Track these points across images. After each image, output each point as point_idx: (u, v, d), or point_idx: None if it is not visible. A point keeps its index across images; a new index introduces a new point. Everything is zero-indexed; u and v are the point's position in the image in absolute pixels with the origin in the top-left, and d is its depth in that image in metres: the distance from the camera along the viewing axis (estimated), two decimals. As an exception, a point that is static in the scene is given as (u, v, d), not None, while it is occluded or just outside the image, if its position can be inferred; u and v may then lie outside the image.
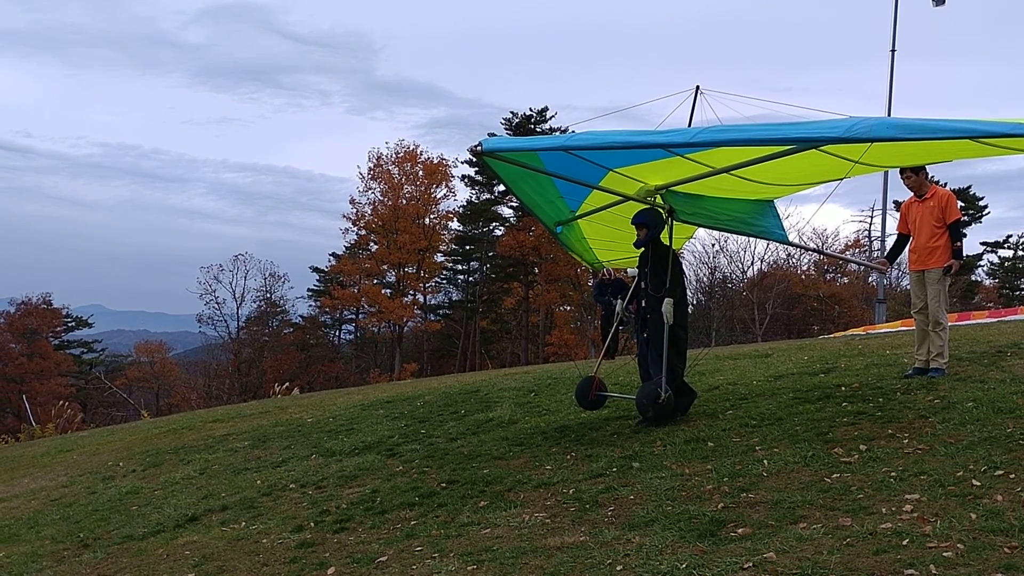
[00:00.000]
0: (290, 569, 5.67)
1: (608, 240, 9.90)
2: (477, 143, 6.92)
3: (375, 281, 57.93)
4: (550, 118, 57.78)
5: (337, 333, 65.76)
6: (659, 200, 8.34)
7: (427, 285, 60.23)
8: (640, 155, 7.48)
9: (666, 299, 8.04)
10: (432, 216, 57.28)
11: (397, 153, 56.12)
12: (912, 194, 8.67)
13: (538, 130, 56.25)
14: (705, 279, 49.69)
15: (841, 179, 7.46)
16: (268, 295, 59.27)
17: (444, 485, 7.14)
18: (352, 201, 56.60)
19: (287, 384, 30.13)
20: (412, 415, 11.43)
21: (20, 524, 8.93)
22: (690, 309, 16.07)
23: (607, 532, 5.19)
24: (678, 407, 8.20)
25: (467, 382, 15.03)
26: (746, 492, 5.53)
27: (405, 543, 5.75)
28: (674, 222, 8.39)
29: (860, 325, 31.09)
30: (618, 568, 4.57)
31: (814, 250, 47.94)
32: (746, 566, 4.30)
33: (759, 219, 8.60)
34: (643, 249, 8.52)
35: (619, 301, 9.47)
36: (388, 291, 57.08)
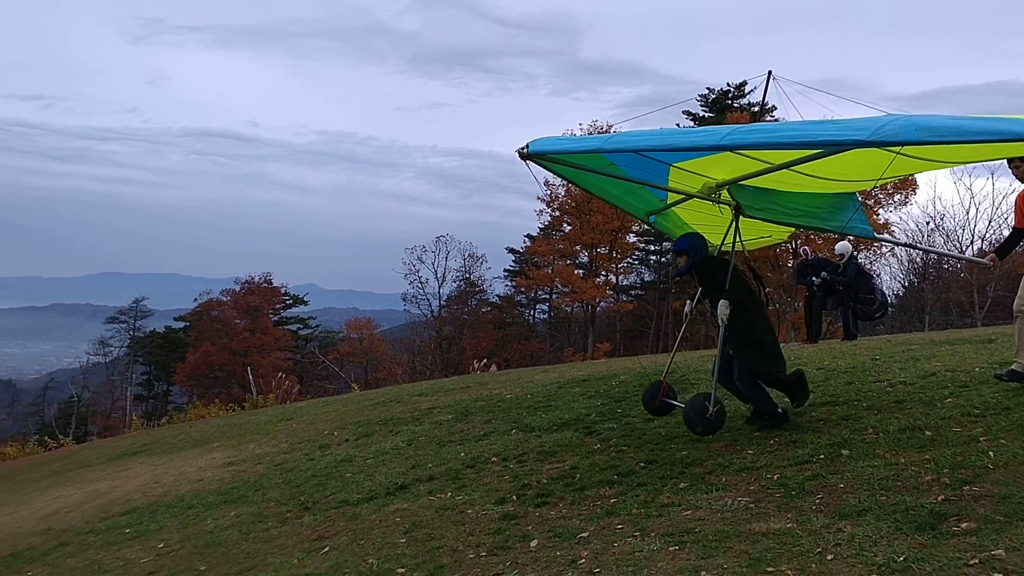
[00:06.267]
0: (495, 540, 5.86)
1: (713, 225, 8.83)
2: (524, 145, 6.29)
3: (568, 262, 58.35)
4: (748, 93, 55.95)
5: (532, 312, 66.90)
6: (726, 195, 7.79)
7: (619, 266, 60.05)
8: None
9: (721, 300, 7.56)
10: (626, 196, 56.88)
11: (590, 134, 56.14)
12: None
13: (735, 105, 54.61)
14: (919, 260, 46.53)
15: (913, 175, 6.69)
16: (467, 275, 61.23)
17: (643, 465, 7.14)
18: (546, 183, 57.03)
19: (485, 361, 30.88)
20: (607, 394, 11.46)
21: (248, 487, 9.72)
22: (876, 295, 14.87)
23: (815, 520, 5.02)
24: (797, 395, 7.73)
25: (662, 363, 14.85)
26: (969, 485, 5.17)
27: (606, 520, 5.80)
28: (744, 219, 7.86)
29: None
30: (828, 557, 4.41)
31: (907, 244, 42.85)
32: (971, 562, 4.04)
33: (838, 215, 8.00)
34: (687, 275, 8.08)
35: (688, 302, 8.85)
36: (581, 272, 57.34)
